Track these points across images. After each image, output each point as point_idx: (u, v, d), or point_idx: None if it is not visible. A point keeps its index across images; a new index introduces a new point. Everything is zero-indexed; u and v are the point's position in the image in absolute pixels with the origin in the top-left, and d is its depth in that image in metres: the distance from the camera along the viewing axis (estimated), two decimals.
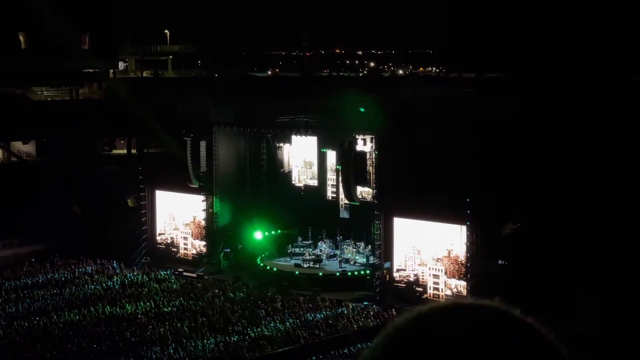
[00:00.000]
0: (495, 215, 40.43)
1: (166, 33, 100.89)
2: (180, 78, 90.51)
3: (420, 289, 40.57)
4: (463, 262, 39.24)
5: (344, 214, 47.08)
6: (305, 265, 45.48)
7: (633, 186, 39.35)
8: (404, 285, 41.13)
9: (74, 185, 54.14)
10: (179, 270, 47.10)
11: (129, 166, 53.65)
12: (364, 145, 42.75)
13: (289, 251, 47.25)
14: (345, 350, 34.22)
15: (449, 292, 39.74)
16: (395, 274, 41.40)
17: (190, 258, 49.04)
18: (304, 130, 46.62)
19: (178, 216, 49.91)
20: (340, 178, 44.87)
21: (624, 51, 49.60)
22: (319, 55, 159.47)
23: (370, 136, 42.62)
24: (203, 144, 47.56)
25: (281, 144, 49.42)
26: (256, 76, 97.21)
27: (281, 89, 58.36)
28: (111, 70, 75.74)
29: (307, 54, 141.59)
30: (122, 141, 64.63)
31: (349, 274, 44.27)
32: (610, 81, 52.37)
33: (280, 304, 39.93)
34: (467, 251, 38.86)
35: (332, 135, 44.96)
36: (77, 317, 38.15)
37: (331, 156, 47.36)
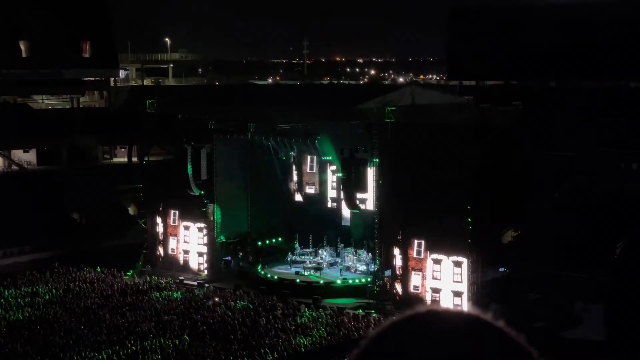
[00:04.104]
0: (496, 223, 40.38)
1: (167, 41, 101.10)
2: (181, 86, 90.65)
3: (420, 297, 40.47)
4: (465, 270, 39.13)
5: (346, 222, 47.08)
6: (306, 273, 45.41)
7: (633, 193, 39.32)
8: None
9: (75, 193, 54.12)
10: (180, 278, 47.04)
11: (130, 174, 53.66)
12: (365, 152, 42.68)
13: (289, 259, 47.20)
14: (346, 358, 34.11)
15: (448, 300, 39.61)
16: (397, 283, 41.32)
17: (191, 266, 48.91)
18: (305, 137, 46.56)
19: (179, 224, 49.81)
20: (341, 186, 44.85)
21: (624, 57, 49.59)
22: (320, 63, 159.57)
23: (371, 144, 42.47)
24: (204, 152, 47.55)
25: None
26: (257, 84, 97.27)
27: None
28: (112, 79, 75.79)
29: (307, 61, 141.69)
30: (123, 149, 64.66)
31: (350, 281, 44.20)
32: (611, 87, 52.35)
33: (280, 312, 39.87)
34: (469, 259, 38.75)
35: (333, 143, 44.95)
36: (78, 325, 38.07)
37: (332, 164, 47.35)
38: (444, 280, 40.03)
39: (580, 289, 35.68)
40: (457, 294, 39.43)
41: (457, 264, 39.52)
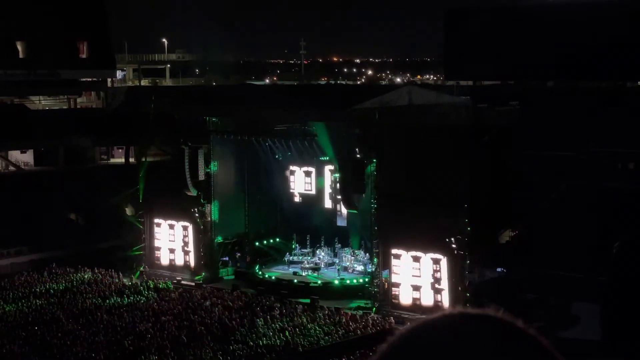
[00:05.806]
0: (494, 223, 40.40)
1: (164, 42, 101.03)
2: (178, 86, 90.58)
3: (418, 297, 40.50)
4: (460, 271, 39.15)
5: (341, 222, 47.04)
6: (303, 274, 45.43)
7: (630, 193, 39.36)
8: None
9: (72, 194, 54.08)
10: (177, 278, 47.03)
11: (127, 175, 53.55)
12: (362, 152, 42.64)
13: (287, 259, 47.21)
14: (344, 358, 34.17)
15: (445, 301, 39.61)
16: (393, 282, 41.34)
17: (188, 267, 48.87)
18: (302, 138, 46.55)
19: (176, 224, 49.77)
20: (338, 186, 44.81)
21: (623, 57, 49.67)
22: (317, 63, 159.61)
23: (368, 144, 42.43)
24: (201, 152, 47.55)
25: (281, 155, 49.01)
26: (254, 84, 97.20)
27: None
28: (109, 79, 75.73)
29: (304, 62, 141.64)
30: (120, 150, 64.60)
31: (348, 282, 44.21)
32: (608, 88, 52.45)
33: (278, 312, 39.88)
34: (466, 259, 38.75)
35: (331, 143, 44.93)
36: (76, 326, 38.05)
37: (329, 164, 47.34)
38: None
39: (577, 289, 35.72)
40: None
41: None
